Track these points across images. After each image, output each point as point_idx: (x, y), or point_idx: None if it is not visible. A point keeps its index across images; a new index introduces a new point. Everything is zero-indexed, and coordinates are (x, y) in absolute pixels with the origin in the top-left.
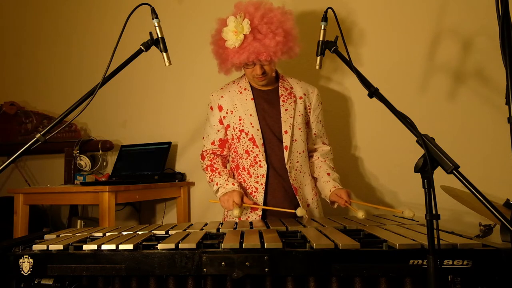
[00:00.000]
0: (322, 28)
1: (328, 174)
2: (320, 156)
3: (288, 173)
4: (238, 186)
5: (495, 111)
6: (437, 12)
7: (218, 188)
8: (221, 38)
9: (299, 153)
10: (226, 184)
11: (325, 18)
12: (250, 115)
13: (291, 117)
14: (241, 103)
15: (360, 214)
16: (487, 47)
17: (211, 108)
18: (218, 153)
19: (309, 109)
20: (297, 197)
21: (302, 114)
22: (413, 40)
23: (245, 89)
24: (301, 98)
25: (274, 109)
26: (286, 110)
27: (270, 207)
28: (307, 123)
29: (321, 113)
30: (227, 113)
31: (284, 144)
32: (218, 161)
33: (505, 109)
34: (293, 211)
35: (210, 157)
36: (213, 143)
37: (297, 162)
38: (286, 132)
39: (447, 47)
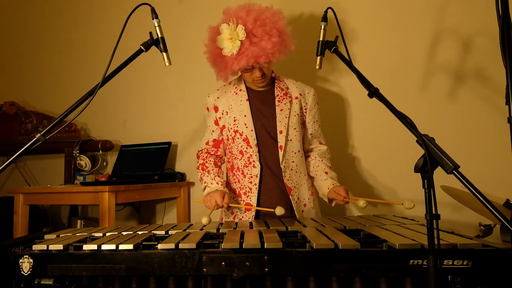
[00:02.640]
0: (322, 28)
1: (326, 172)
2: (317, 156)
3: (283, 173)
4: (223, 185)
5: (495, 111)
6: (437, 12)
7: (205, 187)
8: (216, 47)
9: (295, 153)
10: (211, 183)
11: (325, 18)
12: (245, 115)
13: (286, 117)
14: (236, 104)
15: (362, 203)
16: (487, 47)
17: (207, 109)
18: (212, 152)
19: (305, 109)
20: (290, 197)
21: (297, 114)
22: (413, 40)
23: (240, 90)
24: (296, 98)
25: (270, 109)
26: (281, 110)
27: (249, 207)
28: (303, 123)
29: (318, 113)
30: (222, 114)
31: (279, 144)
32: (210, 160)
33: (505, 109)
34: (272, 210)
35: (203, 156)
36: (207, 143)
37: (293, 162)
38: (281, 132)
39: (447, 47)
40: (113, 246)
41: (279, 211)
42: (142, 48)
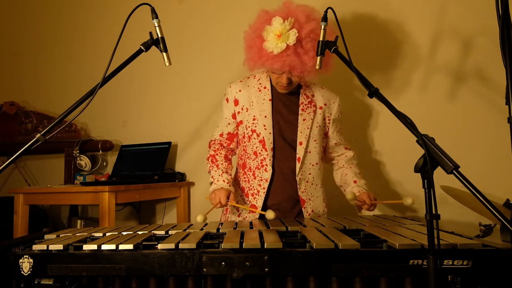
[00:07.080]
0: (322, 28)
1: (355, 181)
2: (345, 163)
3: (298, 185)
4: (229, 183)
5: (495, 111)
6: (437, 12)
7: (212, 182)
8: (259, 36)
9: (312, 165)
10: (218, 180)
11: (325, 18)
12: (265, 116)
13: (308, 128)
14: (258, 102)
15: (410, 201)
16: (487, 47)
17: (227, 100)
18: (225, 145)
19: (329, 120)
20: (303, 209)
21: (319, 126)
22: (413, 40)
23: (264, 87)
24: (321, 108)
25: (292, 116)
26: (304, 119)
27: (246, 207)
28: (325, 134)
29: (340, 123)
30: (242, 109)
31: (297, 156)
32: (221, 153)
33: (505, 109)
34: (264, 212)
35: (215, 147)
36: (221, 135)
37: (309, 174)
38: (301, 143)
39: (447, 47)
40: (113, 246)
41: (270, 214)
42: (142, 48)
